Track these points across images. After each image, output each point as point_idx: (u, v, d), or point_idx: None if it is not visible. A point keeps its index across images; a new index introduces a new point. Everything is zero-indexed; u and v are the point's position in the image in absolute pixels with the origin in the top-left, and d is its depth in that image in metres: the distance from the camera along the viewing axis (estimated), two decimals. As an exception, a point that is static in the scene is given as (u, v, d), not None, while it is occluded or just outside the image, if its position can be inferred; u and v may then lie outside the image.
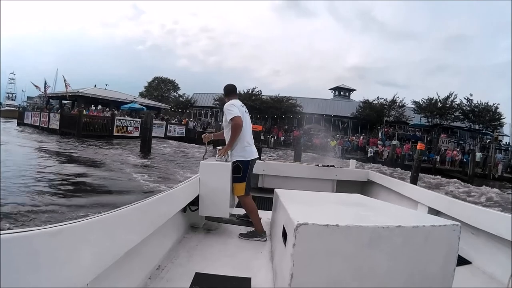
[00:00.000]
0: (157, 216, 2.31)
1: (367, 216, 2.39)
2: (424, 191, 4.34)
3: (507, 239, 2.70)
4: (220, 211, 3.42)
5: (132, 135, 25.34)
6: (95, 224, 1.49)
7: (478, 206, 3.35)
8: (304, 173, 5.79)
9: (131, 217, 1.87)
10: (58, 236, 1.23)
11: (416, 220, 2.13)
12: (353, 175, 5.97)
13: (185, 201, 3.11)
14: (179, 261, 2.68)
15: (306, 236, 1.83)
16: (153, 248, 2.49)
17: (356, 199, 3.27)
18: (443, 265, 1.97)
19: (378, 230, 1.87)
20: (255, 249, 3.14)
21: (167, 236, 2.87)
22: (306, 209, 2.61)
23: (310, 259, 1.85)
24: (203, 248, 3.04)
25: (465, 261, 3.06)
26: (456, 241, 1.98)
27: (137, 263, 2.15)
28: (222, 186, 3.38)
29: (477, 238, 3.10)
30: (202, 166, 3.44)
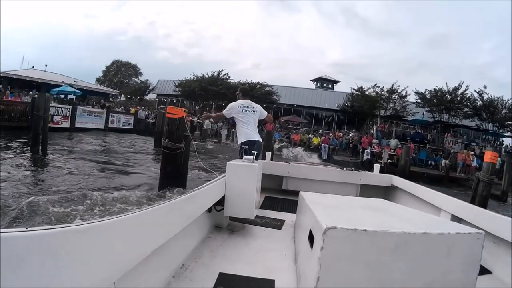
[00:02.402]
0: (183, 216, 2.36)
1: (392, 222, 2.43)
2: (448, 198, 4.31)
3: None
4: (245, 212, 3.46)
5: (59, 126, 19.97)
6: (122, 223, 1.49)
7: (500, 215, 3.42)
8: (328, 176, 5.80)
9: (158, 216, 1.89)
10: (86, 234, 1.24)
11: (441, 227, 2.09)
12: (377, 179, 6.01)
13: (211, 201, 3.14)
14: (202, 261, 2.66)
15: (334, 240, 1.82)
16: (178, 247, 2.49)
17: (380, 204, 3.30)
18: (465, 273, 1.96)
19: (404, 236, 1.85)
20: (279, 250, 3.07)
21: (191, 235, 2.89)
22: (332, 213, 2.59)
23: (336, 263, 1.84)
24: (226, 248, 3.01)
25: (485, 270, 3.02)
26: (479, 249, 1.96)
27: (162, 262, 2.17)
28: (248, 187, 3.43)
29: (498, 248, 3.10)
30: (229, 167, 3.47)
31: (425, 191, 4.92)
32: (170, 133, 6.79)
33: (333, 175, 5.81)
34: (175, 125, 6.79)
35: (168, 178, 6.93)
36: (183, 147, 6.85)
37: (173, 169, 6.85)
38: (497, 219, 3.19)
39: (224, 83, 33.12)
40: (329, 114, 36.28)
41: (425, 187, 5.05)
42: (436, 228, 2.04)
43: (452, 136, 27.77)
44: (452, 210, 3.97)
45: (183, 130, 6.91)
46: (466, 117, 29.68)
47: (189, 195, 2.45)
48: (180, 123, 6.80)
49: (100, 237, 1.31)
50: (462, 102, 28.95)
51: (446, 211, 4.10)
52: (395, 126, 29.51)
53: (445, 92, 29.00)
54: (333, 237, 1.82)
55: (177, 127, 6.78)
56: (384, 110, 30.99)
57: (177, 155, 6.81)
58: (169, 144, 6.70)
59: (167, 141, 6.71)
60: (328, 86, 42.00)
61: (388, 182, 5.93)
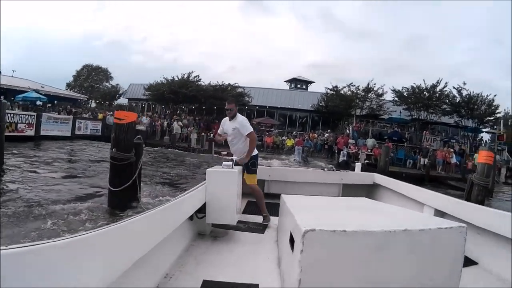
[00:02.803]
0: (164, 225, 2.33)
1: (373, 220, 2.40)
2: (430, 193, 4.43)
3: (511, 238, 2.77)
4: (227, 218, 3.47)
5: (23, 134, 18.54)
6: (103, 236, 1.49)
7: (483, 206, 3.64)
8: (309, 178, 5.85)
9: (139, 227, 1.88)
10: (66, 249, 1.24)
11: (422, 223, 2.14)
12: (359, 178, 6.10)
13: (192, 209, 3.13)
14: (186, 269, 2.68)
15: (314, 242, 1.84)
16: (161, 257, 2.50)
17: (362, 203, 3.32)
18: (450, 266, 2.02)
19: (385, 234, 1.89)
20: (262, 254, 3.13)
21: (174, 244, 2.89)
22: (313, 215, 2.58)
23: (317, 264, 1.86)
24: (210, 255, 3.05)
25: (471, 262, 3.11)
26: (462, 242, 2.02)
27: (146, 272, 2.18)
28: (229, 193, 3.44)
29: (483, 239, 3.15)
30: (209, 174, 3.50)
31: (407, 187, 4.99)
32: (117, 141, 5.90)
33: (314, 177, 5.88)
34: (123, 131, 5.90)
35: (118, 193, 5.96)
36: (132, 157, 5.94)
37: (122, 183, 5.90)
38: (480, 211, 3.31)
39: (195, 86, 31.44)
40: (303, 115, 35.01)
41: (407, 183, 5.11)
42: (418, 224, 2.08)
43: (430, 134, 26.95)
44: (435, 204, 4.05)
45: (132, 137, 6.05)
46: (444, 114, 28.75)
47: (169, 204, 2.46)
48: (129, 129, 5.96)
49: (81, 251, 1.32)
50: (441, 99, 28.18)
51: (429, 206, 4.17)
52: (371, 126, 28.46)
53: (423, 90, 28.02)
54: (313, 239, 1.84)
55: (125, 134, 5.91)
56: (360, 109, 29.75)
57: (126, 167, 5.92)
58: (116, 154, 5.83)
59: (114, 151, 5.83)
60: (302, 87, 40.99)
61: (370, 180, 6.04)
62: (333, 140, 24.28)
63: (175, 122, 26.72)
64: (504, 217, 2.96)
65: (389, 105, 29.96)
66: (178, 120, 27.65)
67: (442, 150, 22.21)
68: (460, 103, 27.65)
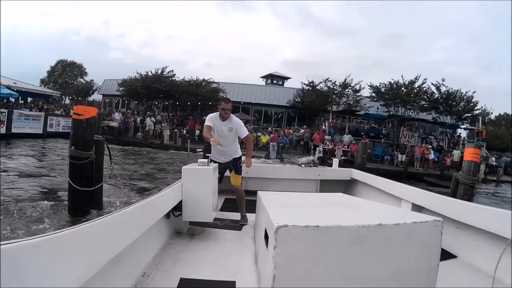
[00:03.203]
0: (139, 223, 2.31)
1: (349, 216, 2.43)
2: (408, 187, 4.47)
3: (490, 232, 2.82)
4: (203, 216, 3.47)
5: None
6: (77, 234, 1.49)
7: (459, 200, 3.74)
8: (287, 174, 5.84)
9: (113, 225, 1.86)
10: (40, 248, 1.23)
11: (397, 218, 2.12)
12: (337, 174, 6.11)
13: (168, 207, 3.12)
14: (164, 267, 2.68)
15: (287, 238, 1.85)
16: (138, 256, 2.51)
17: (339, 199, 3.34)
18: (427, 260, 2.03)
19: (359, 229, 1.90)
20: (239, 252, 3.14)
21: (151, 242, 2.89)
22: (288, 211, 2.58)
23: (291, 260, 1.86)
24: (187, 253, 3.05)
25: (450, 255, 3.18)
26: (438, 236, 2.04)
27: (123, 271, 2.17)
28: (205, 191, 3.43)
29: (462, 232, 3.20)
30: (185, 171, 3.47)
31: (384, 182, 5.07)
32: (76, 138, 5.46)
33: (292, 173, 5.86)
34: (82, 128, 5.47)
35: (77, 195, 5.50)
36: (92, 155, 5.51)
37: (82, 184, 5.43)
38: (457, 204, 3.38)
39: (169, 81, 30.40)
40: (279, 111, 34.00)
41: (385, 179, 5.19)
42: (393, 219, 2.07)
43: (408, 130, 26.45)
44: (413, 199, 4.12)
45: (92, 134, 5.59)
46: (422, 110, 28.27)
47: (144, 202, 2.43)
48: (88, 126, 5.51)
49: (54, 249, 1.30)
50: (419, 95, 27.53)
51: (406, 201, 4.26)
52: (348, 122, 27.64)
53: (401, 85, 27.45)
54: (286, 235, 1.84)
55: (84, 130, 5.47)
56: (336, 105, 28.97)
57: (86, 166, 5.49)
58: (75, 153, 5.38)
59: (73, 149, 5.39)
60: (278, 83, 39.83)
61: (348, 176, 6.10)
62: (309, 136, 23.54)
63: (148, 118, 25.73)
64: (481, 210, 3.04)
65: (366, 101, 29.22)
66: (152, 116, 26.66)
67: (420, 147, 21.71)
68: (439, 100, 27.23)
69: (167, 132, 23.93)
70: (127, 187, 8.81)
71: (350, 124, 26.88)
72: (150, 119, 25.46)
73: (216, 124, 4.15)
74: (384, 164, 21.38)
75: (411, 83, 27.24)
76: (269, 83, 39.33)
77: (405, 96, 27.13)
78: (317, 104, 28.92)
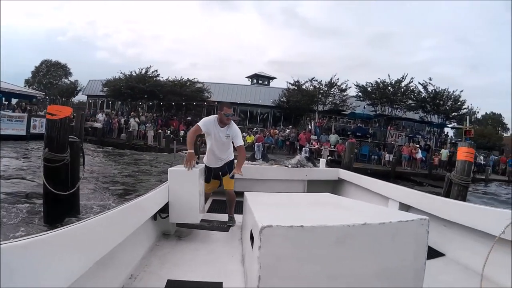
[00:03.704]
0: (126, 225, 2.31)
1: (335, 215, 2.45)
2: (395, 187, 4.48)
3: (478, 230, 2.83)
4: (190, 217, 3.47)
5: None
6: (64, 236, 1.50)
7: (446, 198, 3.69)
8: (274, 175, 5.82)
9: (100, 227, 1.87)
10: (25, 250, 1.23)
11: (383, 217, 2.12)
12: (324, 174, 6.13)
13: (154, 208, 3.12)
14: (151, 269, 2.68)
15: (272, 238, 1.85)
16: (125, 258, 2.51)
17: (326, 199, 3.33)
18: (414, 259, 2.03)
19: (344, 229, 1.90)
20: (227, 253, 3.15)
21: (138, 244, 2.90)
22: (274, 211, 2.60)
23: (277, 260, 1.86)
24: (175, 255, 3.06)
25: (439, 253, 3.20)
26: (425, 235, 2.05)
27: (110, 274, 2.17)
28: (191, 192, 3.43)
29: (450, 230, 3.25)
30: (171, 173, 3.47)
31: (372, 181, 5.10)
32: (50, 140, 5.22)
33: (279, 173, 5.84)
34: (55, 129, 5.22)
35: (52, 200, 5.22)
36: (67, 157, 5.28)
37: (57, 187, 5.14)
38: (444, 203, 3.39)
39: (153, 81, 29.78)
40: (264, 111, 33.49)
41: (372, 178, 5.20)
42: (379, 218, 2.05)
43: (395, 129, 26.06)
44: (400, 198, 4.12)
45: (66, 134, 5.35)
46: (410, 109, 27.94)
47: (130, 203, 2.42)
48: (62, 126, 5.27)
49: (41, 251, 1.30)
50: (406, 94, 27.20)
51: (394, 200, 4.25)
52: (334, 121, 27.14)
53: (388, 85, 27.10)
54: (270, 236, 1.84)
55: (58, 131, 5.23)
56: (322, 104, 28.52)
57: (60, 169, 5.24)
58: (49, 155, 5.16)
59: (47, 151, 5.17)
60: (264, 83, 38.84)
61: (335, 176, 6.13)
62: (295, 136, 22.95)
63: (132, 119, 25.12)
64: (468, 209, 3.07)
65: (352, 100, 28.85)
66: (136, 116, 26.05)
67: (408, 146, 21.36)
68: (426, 99, 26.94)
69: (151, 133, 23.36)
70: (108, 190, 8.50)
71: (336, 124, 26.39)
72: (134, 119, 24.95)
73: (213, 131, 3.92)
74: (371, 163, 21.03)
75: (398, 83, 26.89)
76: (254, 83, 38.80)
77: (392, 95, 26.79)
78: (303, 104, 28.39)
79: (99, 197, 7.39)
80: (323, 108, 28.76)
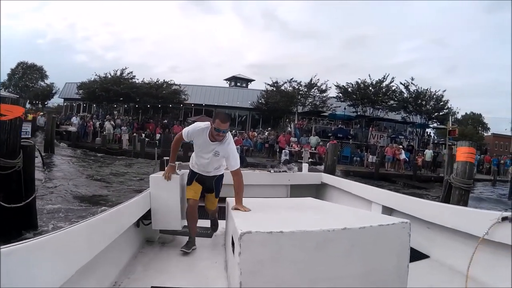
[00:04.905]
0: (108, 232, 2.31)
1: (316, 220, 2.43)
2: (377, 190, 4.47)
3: (460, 231, 2.85)
4: (173, 224, 3.45)
5: None
6: (44, 244, 1.48)
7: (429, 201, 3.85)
8: (256, 180, 5.66)
9: (81, 234, 1.86)
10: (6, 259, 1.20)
11: (364, 221, 2.13)
12: (307, 179, 6.05)
13: (136, 215, 3.11)
14: (135, 276, 2.66)
15: (251, 244, 1.86)
16: (109, 265, 2.49)
17: (308, 203, 3.30)
18: (396, 261, 2.04)
19: (324, 233, 1.90)
20: (210, 259, 3.12)
21: (122, 252, 2.88)
22: (254, 217, 2.60)
23: (257, 266, 1.87)
24: (159, 262, 3.05)
25: (423, 255, 3.20)
26: (407, 237, 2.07)
27: (93, 281, 2.14)
28: (173, 199, 3.40)
29: (433, 232, 3.24)
30: (152, 180, 3.45)
31: (354, 185, 5.09)
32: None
33: (262, 178, 5.72)
34: (5, 131, 4.59)
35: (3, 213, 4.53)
36: (18, 164, 4.72)
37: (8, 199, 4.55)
38: (426, 205, 3.41)
39: (128, 83, 28.90)
40: (243, 114, 32.91)
41: (354, 182, 5.35)
42: (359, 222, 2.08)
43: (376, 130, 25.57)
44: (383, 201, 4.09)
45: (17, 138, 4.78)
46: (391, 110, 27.41)
47: (112, 210, 2.42)
48: (12, 128, 4.67)
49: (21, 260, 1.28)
50: (387, 95, 26.67)
51: (377, 203, 4.22)
52: (314, 123, 26.52)
53: (369, 85, 26.54)
54: (250, 242, 1.85)
55: (8, 134, 4.62)
56: (302, 106, 27.77)
57: (12, 177, 4.66)
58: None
59: None
60: (242, 85, 38.61)
61: (318, 180, 6.07)
62: (274, 139, 22.02)
63: (107, 122, 24.10)
64: (450, 210, 3.10)
65: (332, 101, 28.16)
66: (111, 120, 25.04)
67: (391, 147, 20.83)
68: (408, 99, 26.45)
69: (125, 137, 22.29)
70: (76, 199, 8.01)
71: (316, 125, 25.78)
72: (110, 123, 24.01)
73: (200, 141, 3.23)
74: (354, 165, 20.44)
75: (379, 83, 26.35)
76: (233, 85, 38.18)
77: (373, 95, 26.21)
78: (282, 105, 27.58)
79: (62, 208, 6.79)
80: (303, 110, 28.04)
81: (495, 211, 2.70)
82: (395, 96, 26.83)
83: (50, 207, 6.82)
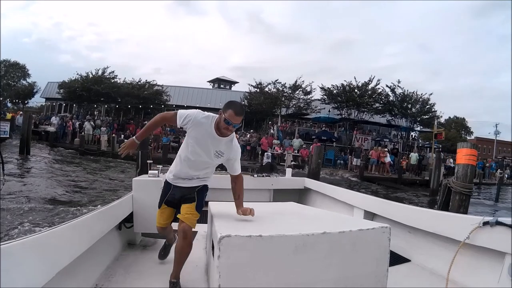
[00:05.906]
0: (89, 234, 2.32)
1: (296, 225, 2.41)
2: (359, 195, 4.48)
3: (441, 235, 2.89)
4: (155, 227, 3.16)
5: None
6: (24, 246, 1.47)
7: (410, 205, 3.62)
8: None
9: (63, 236, 1.87)
10: None
11: (344, 226, 2.11)
12: (290, 183, 6.09)
13: (118, 218, 3.14)
14: (116, 279, 2.66)
15: (230, 247, 1.83)
16: (90, 268, 2.50)
17: (290, 208, 3.27)
18: (376, 266, 2.03)
19: (303, 237, 1.89)
20: (191, 262, 2.94)
21: (103, 254, 2.88)
22: (235, 221, 2.48)
23: (236, 270, 1.85)
24: (140, 265, 3.04)
25: (404, 259, 3.24)
26: (386, 242, 2.06)
27: (74, 283, 2.14)
28: (155, 202, 3.10)
29: (415, 236, 3.28)
30: (135, 183, 3.48)
31: (336, 190, 5.08)
32: None
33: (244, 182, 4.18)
34: None
35: None
36: None
37: None
38: (407, 210, 3.43)
39: (110, 83, 28.14)
40: (227, 115, 31.95)
41: (337, 187, 5.22)
42: (339, 226, 2.04)
43: (360, 133, 25.18)
44: (365, 206, 4.11)
45: None
46: (376, 112, 26.94)
47: (94, 213, 2.44)
48: None
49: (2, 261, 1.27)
50: (373, 97, 26.14)
51: (359, 208, 4.24)
52: (297, 125, 26.07)
53: (354, 87, 25.91)
54: (229, 245, 1.82)
55: None
56: (286, 108, 27.01)
57: None
58: None
59: None
60: (226, 87, 37.82)
61: (301, 185, 6.09)
62: (257, 141, 21.31)
63: (86, 122, 23.33)
64: (431, 215, 3.12)
65: (317, 103, 27.37)
66: (91, 120, 24.20)
67: (376, 150, 20.48)
68: (394, 102, 26.00)
69: (104, 137, 21.55)
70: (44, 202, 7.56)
71: (300, 128, 25.39)
72: (89, 123, 23.33)
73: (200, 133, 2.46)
74: (337, 168, 19.97)
75: (364, 85, 25.74)
76: (216, 87, 37.49)
77: (358, 98, 25.61)
78: (265, 107, 26.81)
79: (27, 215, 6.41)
80: (287, 112, 27.32)
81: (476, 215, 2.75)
82: (380, 99, 26.32)
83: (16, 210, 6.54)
